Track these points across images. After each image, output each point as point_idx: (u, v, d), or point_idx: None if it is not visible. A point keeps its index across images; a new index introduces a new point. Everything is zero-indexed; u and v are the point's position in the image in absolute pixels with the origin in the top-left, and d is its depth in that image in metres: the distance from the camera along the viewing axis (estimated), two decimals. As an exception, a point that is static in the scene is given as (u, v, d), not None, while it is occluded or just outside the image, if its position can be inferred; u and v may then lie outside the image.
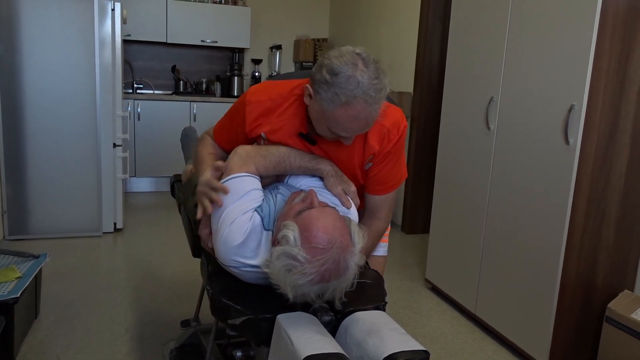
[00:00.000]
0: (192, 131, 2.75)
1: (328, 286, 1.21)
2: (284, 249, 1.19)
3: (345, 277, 1.22)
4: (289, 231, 1.21)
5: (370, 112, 1.28)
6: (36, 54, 3.48)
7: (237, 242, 1.30)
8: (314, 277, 1.18)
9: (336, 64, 1.26)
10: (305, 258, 1.17)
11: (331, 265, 1.18)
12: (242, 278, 1.39)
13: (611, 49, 2.05)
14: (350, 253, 1.22)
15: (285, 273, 1.19)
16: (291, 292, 1.20)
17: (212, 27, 5.34)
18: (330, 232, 1.20)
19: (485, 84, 2.60)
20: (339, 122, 1.29)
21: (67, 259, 3.31)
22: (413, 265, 3.57)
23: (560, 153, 2.15)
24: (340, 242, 1.20)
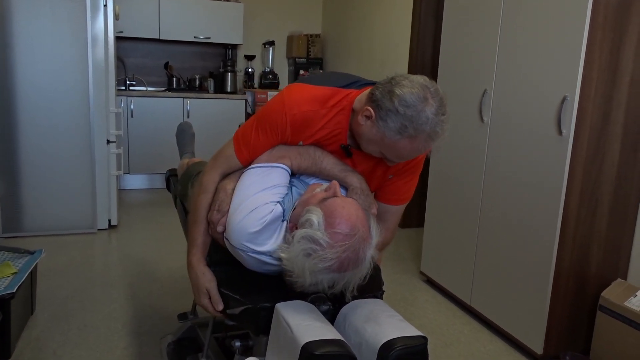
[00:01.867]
0: (187, 126, 2.75)
1: (344, 276, 1.22)
2: (306, 231, 1.21)
3: (361, 268, 1.23)
4: (312, 215, 1.22)
5: (428, 147, 1.30)
6: (28, 51, 3.46)
7: (254, 229, 1.31)
8: (333, 264, 1.19)
9: (409, 96, 1.25)
10: (327, 243, 1.18)
11: (351, 253, 1.19)
12: (244, 262, 1.39)
13: (603, 40, 2.07)
14: (369, 245, 1.24)
15: (304, 257, 1.20)
16: (308, 277, 1.21)
17: (205, 24, 5.32)
18: (353, 221, 1.21)
19: (479, 76, 2.61)
20: (398, 151, 1.30)
21: (61, 256, 3.31)
22: (408, 258, 3.59)
23: (553, 144, 2.17)
24: (362, 232, 1.22)
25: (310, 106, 1.40)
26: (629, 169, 2.26)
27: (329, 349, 1.11)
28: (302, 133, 1.43)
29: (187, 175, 2.16)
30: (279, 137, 1.43)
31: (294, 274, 1.23)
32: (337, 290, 1.26)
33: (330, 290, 1.25)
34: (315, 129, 1.42)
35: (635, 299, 2.13)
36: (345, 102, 1.41)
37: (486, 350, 2.43)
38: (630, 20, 2.09)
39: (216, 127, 5.30)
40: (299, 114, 1.39)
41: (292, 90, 1.42)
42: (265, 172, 1.41)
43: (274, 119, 1.41)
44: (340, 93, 1.42)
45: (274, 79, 5.70)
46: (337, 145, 1.46)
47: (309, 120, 1.40)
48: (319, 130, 1.42)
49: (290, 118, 1.39)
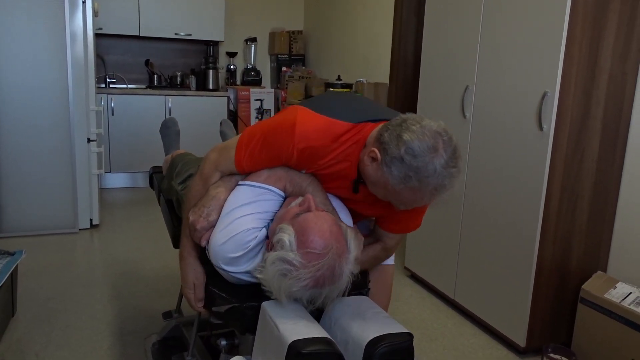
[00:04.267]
0: (172, 123, 2.72)
1: (321, 292, 1.21)
2: (278, 254, 1.18)
3: (338, 284, 1.22)
4: (284, 235, 1.20)
5: (433, 198, 1.22)
6: (5, 49, 3.39)
7: (234, 255, 1.30)
8: (308, 283, 1.17)
9: (417, 144, 1.16)
10: (300, 263, 1.16)
11: (326, 271, 1.18)
12: (224, 276, 1.40)
13: (582, 36, 2.10)
14: (345, 260, 1.21)
15: (280, 278, 1.18)
16: (284, 297, 1.21)
17: (186, 20, 5.27)
18: (326, 237, 1.18)
19: (461, 72, 2.63)
20: (401, 199, 1.24)
21: (42, 256, 3.26)
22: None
23: (534, 139, 2.20)
24: (336, 247, 1.19)
25: (322, 142, 1.32)
26: (608, 164, 2.30)
27: (316, 347, 1.11)
28: (309, 165, 1.38)
29: (172, 166, 2.15)
30: (283, 162, 1.38)
31: (272, 294, 1.23)
32: (317, 305, 1.25)
33: (311, 305, 1.25)
34: (322, 163, 1.36)
35: (615, 291, 2.17)
36: (358, 137, 1.33)
37: (470, 344, 2.46)
38: (609, 17, 2.13)
39: (199, 125, 5.26)
40: (307, 148, 1.32)
41: (305, 119, 1.32)
42: (259, 194, 1.37)
43: (281, 145, 1.34)
44: (355, 128, 1.34)
45: (257, 75, 5.68)
46: (343, 179, 1.40)
47: (316, 155, 1.34)
48: (326, 164, 1.36)
49: (298, 152, 1.33)
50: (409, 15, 4.07)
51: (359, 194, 1.41)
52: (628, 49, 2.20)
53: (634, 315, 2.04)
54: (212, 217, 1.38)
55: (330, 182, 1.43)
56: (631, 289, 2.16)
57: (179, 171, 1.99)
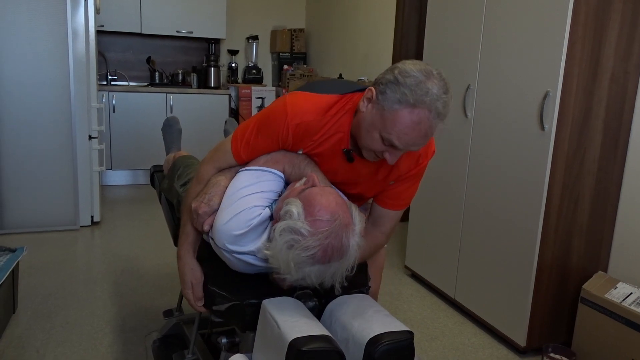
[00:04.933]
0: (174, 121, 2.72)
1: (329, 267, 1.21)
2: (287, 223, 1.20)
3: (346, 257, 1.22)
4: (292, 206, 1.22)
5: (430, 125, 1.23)
6: (7, 46, 3.40)
7: (238, 232, 1.30)
8: (317, 252, 1.17)
9: (410, 68, 1.23)
10: (308, 231, 1.17)
11: (334, 239, 1.18)
12: (228, 263, 1.39)
13: (584, 36, 2.09)
14: (351, 231, 1.22)
15: (287, 250, 1.18)
16: (293, 271, 1.19)
17: (188, 18, 5.27)
18: (332, 207, 1.21)
19: (462, 72, 2.63)
20: (397, 125, 1.22)
21: (43, 253, 3.26)
22: (393, 253, 3.61)
23: (535, 139, 2.19)
24: (342, 217, 1.21)
25: (314, 116, 1.37)
26: (610, 163, 2.30)
27: (316, 345, 1.11)
28: (304, 142, 1.41)
29: (173, 168, 2.15)
30: (280, 145, 1.42)
31: (280, 270, 1.22)
32: (327, 284, 1.25)
33: (319, 282, 1.24)
34: (317, 137, 1.40)
35: (615, 291, 2.17)
36: (349, 105, 1.38)
37: (470, 343, 2.46)
38: (611, 17, 2.12)
39: (200, 123, 5.26)
40: (302, 124, 1.37)
41: (295, 99, 1.38)
42: (259, 175, 1.39)
43: (276, 127, 1.39)
44: (345, 98, 1.39)
45: (258, 73, 5.68)
46: (339, 157, 1.43)
47: (311, 129, 1.38)
48: (321, 138, 1.40)
49: (293, 129, 1.37)
50: (411, 14, 4.07)
51: (355, 170, 1.45)
52: (630, 48, 2.20)
53: (635, 315, 2.03)
54: (214, 202, 1.39)
55: (327, 163, 1.45)
56: (632, 289, 2.16)
57: (181, 173, 1.99)
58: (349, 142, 1.40)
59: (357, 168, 1.45)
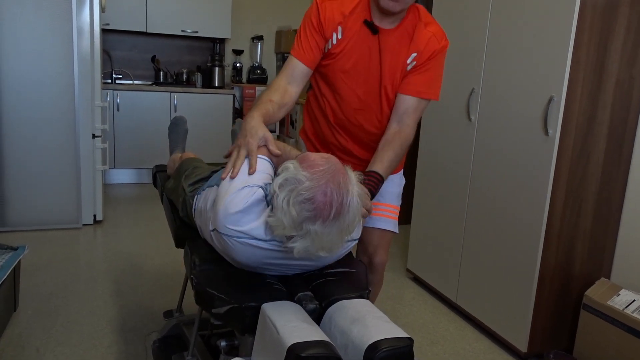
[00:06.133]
0: (182, 121, 2.72)
1: (333, 224, 1.21)
2: (284, 175, 1.24)
3: (348, 206, 1.23)
4: (288, 164, 1.27)
5: None
6: (12, 44, 3.40)
7: (236, 209, 1.31)
8: (317, 195, 1.19)
9: None
10: (305, 175, 1.21)
11: (331, 181, 1.21)
12: (234, 256, 1.38)
13: (589, 41, 2.08)
14: (347, 177, 1.26)
15: (288, 203, 1.21)
16: (297, 228, 1.21)
17: (193, 17, 5.27)
18: (325, 156, 1.28)
19: (467, 75, 2.62)
20: None
21: (45, 252, 3.27)
22: (395, 255, 3.60)
23: (540, 144, 2.18)
24: (336, 162, 1.27)
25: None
26: (614, 169, 2.28)
27: (315, 350, 1.11)
28: (335, 17, 1.63)
29: (180, 170, 2.14)
30: (322, 27, 1.64)
31: (285, 231, 1.23)
32: (335, 244, 1.25)
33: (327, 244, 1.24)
34: (347, 12, 1.64)
35: (618, 298, 2.16)
36: None
37: (471, 349, 2.45)
38: (617, 22, 2.11)
39: (204, 122, 5.27)
40: (327, 1, 1.65)
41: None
42: (246, 163, 1.44)
43: (311, 14, 1.66)
44: None
45: (262, 73, 5.67)
46: (364, 29, 1.64)
47: (336, 2, 1.64)
48: (348, 12, 1.64)
49: (321, 3, 1.65)
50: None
51: (381, 45, 1.64)
52: (635, 54, 2.19)
53: (637, 323, 2.02)
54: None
55: (358, 45, 1.65)
56: (635, 297, 2.14)
57: (189, 174, 1.99)
58: (371, 17, 1.63)
59: (382, 41, 1.64)
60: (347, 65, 1.68)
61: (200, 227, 1.72)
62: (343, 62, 1.68)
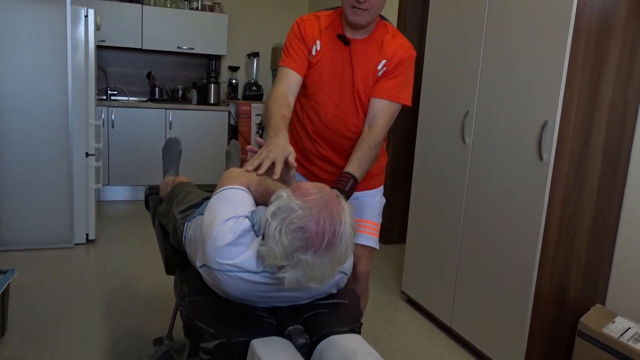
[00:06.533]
0: (176, 143, 2.71)
1: (325, 255, 1.20)
2: (277, 203, 1.23)
3: (340, 237, 1.21)
4: (281, 192, 1.26)
5: None
6: (6, 62, 3.39)
7: (226, 241, 1.30)
8: (310, 224, 1.18)
9: None
10: (298, 204, 1.20)
11: (324, 210, 1.20)
12: (223, 287, 1.36)
13: (583, 66, 2.08)
14: (341, 208, 1.24)
15: (280, 231, 1.19)
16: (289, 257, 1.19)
17: (189, 34, 5.28)
18: (319, 185, 1.28)
19: (461, 97, 2.61)
20: None
21: (36, 272, 3.23)
22: (389, 276, 3.57)
23: (534, 168, 2.17)
24: (329, 192, 1.26)
25: (314, 15, 1.87)
26: (608, 194, 2.27)
27: (304, 391, 1.08)
28: (314, 32, 1.82)
29: (173, 193, 2.12)
30: (304, 40, 1.82)
31: (276, 260, 1.21)
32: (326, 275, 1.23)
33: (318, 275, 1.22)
34: (322, 27, 1.83)
35: (613, 325, 2.13)
36: (338, 10, 1.86)
37: (466, 374, 2.41)
38: (610, 47, 2.11)
39: (198, 139, 5.25)
40: (307, 19, 1.85)
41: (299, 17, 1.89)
42: (224, 194, 1.46)
43: (294, 30, 1.85)
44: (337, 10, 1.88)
45: (258, 90, 5.67)
46: (337, 41, 1.82)
47: (315, 23, 1.84)
48: (324, 27, 1.83)
49: (303, 23, 1.84)
50: (411, 37, 4.07)
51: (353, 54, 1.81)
52: (629, 78, 2.19)
53: (633, 351, 2.00)
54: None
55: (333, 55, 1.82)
56: (630, 324, 2.12)
57: (181, 199, 1.97)
58: (343, 30, 1.82)
59: (353, 51, 1.80)
60: (325, 75, 1.83)
61: (190, 254, 1.70)
62: (321, 72, 1.83)
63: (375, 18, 1.77)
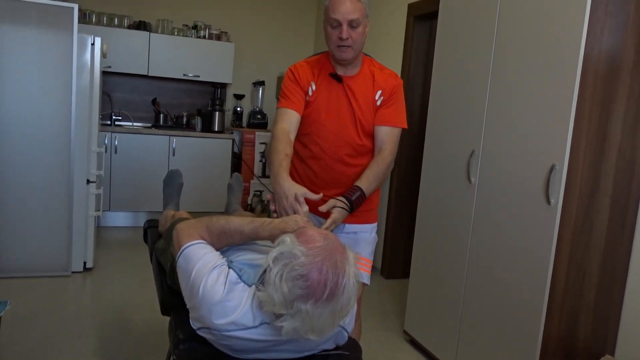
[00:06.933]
0: (177, 175, 2.67)
1: (326, 306, 1.15)
2: (280, 248, 1.19)
3: (344, 290, 1.17)
4: (285, 237, 1.22)
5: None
6: (11, 86, 3.38)
7: (217, 297, 1.25)
8: (312, 272, 1.14)
9: None
10: (301, 251, 1.16)
11: (328, 260, 1.16)
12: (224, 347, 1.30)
13: (591, 109, 2.05)
14: (345, 257, 1.20)
15: (281, 278, 1.15)
16: (288, 306, 1.14)
17: (195, 62, 5.30)
18: (324, 234, 1.25)
19: (467, 136, 2.58)
20: (330, 6, 1.83)
21: (30, 302, 3.16)
22: (392, 313, 3.50)
23: (541, 212, 2.12)
24: (335, 241, 1.23)
25: (305, 61, 2.07)
26: (617, 238, 2.22)
27: None
28: (308, 76, 1.99)
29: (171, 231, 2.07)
30: (297, 81, 1.98)
31: (275, 308, 1.16)
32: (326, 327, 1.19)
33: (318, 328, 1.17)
34: (314, 70, 2.01)
35: (623, 377, 2.06)
36: (323, 54, 2.07)
37: (469, 422, 2.33)
38: (619, 91, 2.08)
39: (201, 167, 5.23)
40: (299, 65, 2.05)
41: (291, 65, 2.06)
42: (186, 253, 1.40)
43: (287, 76, 2.02)
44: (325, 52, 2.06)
45: (263, 118, 5.67)
46: (330, 79, 1.98)
47: (308, 68, 2.02)
48: (316, 70, 2.00)
49: (297, 70, 2.02)
50: (416, 75, 4.07)
51: (348, 89, 1.98)
52: (637, 123, 2.15)
53: (644, 405, 1.92)
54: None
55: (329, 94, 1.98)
56: (641, 376, 2.04)
57: None
58: (333, 69, 2.00)
59: (348, 87, 1.98)
60: (323, 110, 1.98)
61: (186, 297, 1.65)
62: (319, 109, 1.98)
63: (359, 53, 1.95)
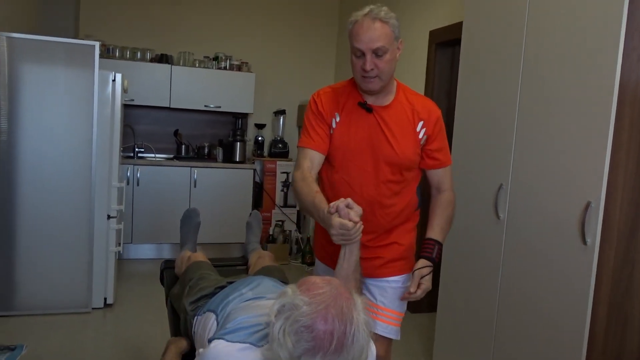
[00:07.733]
0: (194, 213, 2.62)
1: (335, 357, 1.07)
2: (281, 300, 1.12)
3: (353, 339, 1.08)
4: (287, 288, 1.16)
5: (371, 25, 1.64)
6: (34, 122, 3.40)
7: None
8: (316, 321, 1.06)
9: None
10: (303, 300, 1.09)
11: (332, 307, 1.08)
12: None
13: (629, 141, 1.92)
14: (352, 303, 1.12)
15: (284, 332, 1.08)
16: (291, 358, 1.07)
17: (216, 93, 5.31)
18: (327, 280, 1.17)
19: (494, 169, 2.47)
20: (353, 34, 1.67)
21: (49, 340, 3.11)
22: (418, 351, 3.34)
23: (577, 253, 1.99)
24: (338, 285, 1.14)
25: (330, 88, 1.90)
26: (662, 279, 2.06)
27: None
28: (332, 106, 1.83)
29: (186, 277, 1.99)
30: (322, 115, 1.82)
31: None
32: None
33: None
34: (340, 100, 1.84)
35: None
36: (349, 80, 1.90)
37: None
38: (658, 122, 1.95)
39: (223, 197, 5.19)
40: (323, 93, 1.88)
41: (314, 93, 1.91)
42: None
43: (310, 106, 1.87)
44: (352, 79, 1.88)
45: (284, 147, 5.62)
46: (359, 109, 1.80)
47: (333, 96, 1.85)
48: (342, 99, 1.84)
49: (320, 98, 1.86)
50: (439, 97, 3.98)
51: (380, 119, 1.79)
52: (680, 155, 2.01)
53: None
54: None
55: (359, 125, 1.80)
56: None
57: (193, 286, 1.85)
58: (361, 97, 1.82)
59: (381, 117, 1.80)
60: (351, 144, 1.80)
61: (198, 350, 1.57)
62: (347, 142, 1.80)
63: (389, 81, 1.78)
